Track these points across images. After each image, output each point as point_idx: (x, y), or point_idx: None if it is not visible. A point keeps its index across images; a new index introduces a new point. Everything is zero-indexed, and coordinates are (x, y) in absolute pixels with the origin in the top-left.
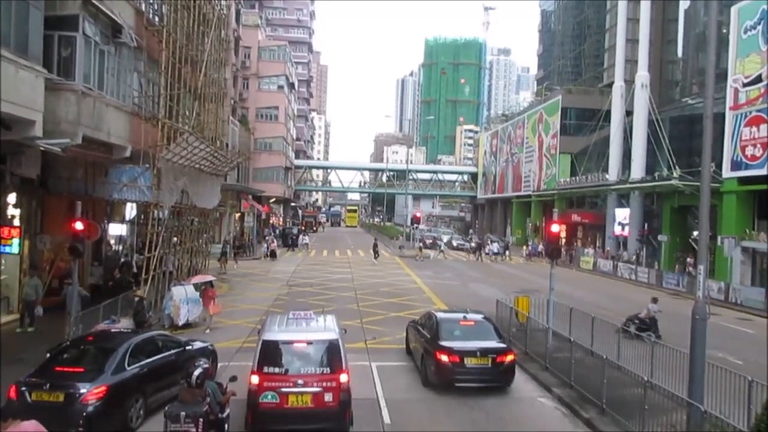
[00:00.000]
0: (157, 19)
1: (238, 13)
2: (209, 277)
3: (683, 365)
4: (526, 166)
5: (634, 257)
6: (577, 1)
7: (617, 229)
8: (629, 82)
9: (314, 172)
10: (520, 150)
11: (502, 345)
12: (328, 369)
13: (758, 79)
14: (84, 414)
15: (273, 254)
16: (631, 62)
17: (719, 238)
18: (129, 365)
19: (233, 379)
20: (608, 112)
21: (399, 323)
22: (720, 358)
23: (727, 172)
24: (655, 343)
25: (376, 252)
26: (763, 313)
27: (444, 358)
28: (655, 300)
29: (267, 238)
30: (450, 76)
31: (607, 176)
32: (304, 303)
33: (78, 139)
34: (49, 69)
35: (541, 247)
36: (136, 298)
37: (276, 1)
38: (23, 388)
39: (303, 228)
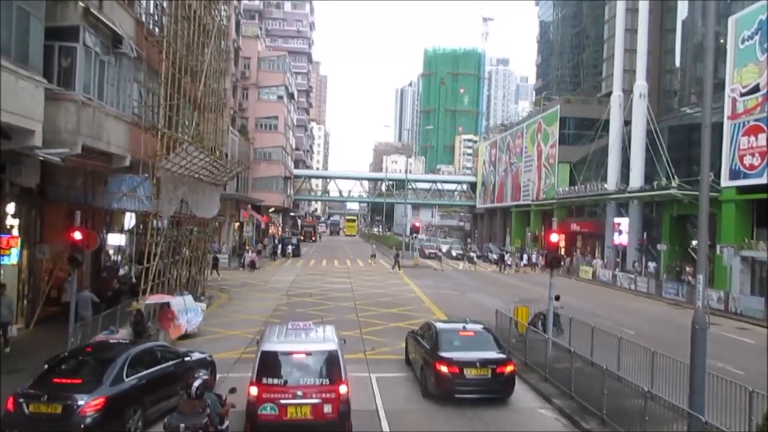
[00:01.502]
0: (157, 29)
1: (238, 24)
2: (167, 297)
3: (684, 375)
4: (525, 175)
5: (645, 268)
6: (575, 12)
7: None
8: (627, 92)
9: (313, 181)
10: (519, 159)
11: (502, 355)
12: (328, 380)
13: (756, 89)
14: (82, 426)
15: (252, 265)
16: (630, 72)
17: (718, 247)
18: (127, 376)
19: (232, 390)
20: (607, 122)
21: (398, 333)
22: (720, 368)
23: (725, 181)
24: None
25: (397, 262)
26: (762, 323)
27: (444, 368)
28: (557, 298)
29: (247, 248)
30: (449, 86)
31: (605, 185)
32: (303, 313)
33: (77, 149)
34: (49, 79)
35: None
36: (135, 311)
37: (276, 11)
38: (21, 400)
39: (302, 238)
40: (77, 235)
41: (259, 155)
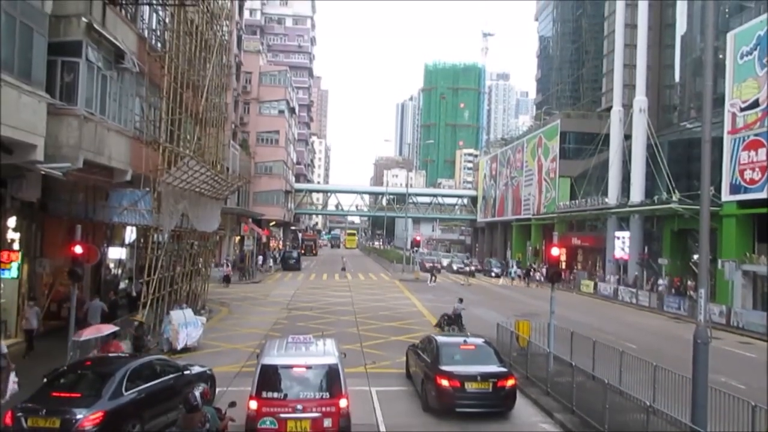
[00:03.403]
0: (159, 45)
1: (239, 39)
2: (110, 328)
3: (686, 390)
4: (526, 189)
5: (655, 285)
6: (574, 28)
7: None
8: (627, 107)
9: (314, 195)
10: (520, 173)
11: (503, 369)
12: (328, 394)
13: (755, 104)
14: None
15: (227, 280)
16: (629, 87)
17: (720, 262)
18: (126, 390)
19: (232, 404)
20: (607, 136)
21: (399, 347)
22: (723, 382)
23: (726, 196)
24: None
25: (433, 276)
26: (764, 337)
27: (444, 382)
28: (460, 300)
29: (223, 262)
30: (449, 101)
31: (606, 200)
32: (303, 327)
33: (79, 164)
34: (51, 94)
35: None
36: (135, 323)
37: (277, 27)
38: (19, 414)
39: (303, 251)
40: (78, 249)
41: (260, 169)
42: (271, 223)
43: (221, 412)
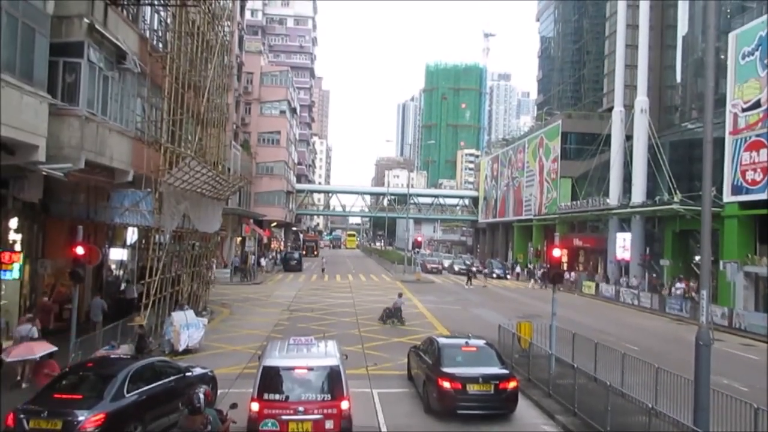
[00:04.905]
0: (160, 45)
1: (241, 39)
2: (46, 349)
3: (688, 392)
4: (527, 190)
5: (673, 289)
6: (575, 28)
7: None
8: (629, 107)
9: (315, 196)
10: (521, 174)
11: (505, 371)
12: (329, 395)
13: (757, 104)
14: None
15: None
16: (630, 87)
17: (721, 263)
18: (128, 392)
19: (234, 406)
20: (608, 137)
21: (400, 349)
22: (725, 384)
23: (727, 197)
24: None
25: (469, 278)
26: (766, 339)
27: (446, 384)
28: (400, 295)
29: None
30: (450, 101)
31: (607, 200)
32: (305, 328)
33: (81, 164)
34: (53, 94)
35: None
36: (137, 325)
37: (279, 27)
38: (21, 416)
39: (304, 252)
40: (79, 250)
41: (261, 170)
42: (273, 224)
43: (223, 414)
